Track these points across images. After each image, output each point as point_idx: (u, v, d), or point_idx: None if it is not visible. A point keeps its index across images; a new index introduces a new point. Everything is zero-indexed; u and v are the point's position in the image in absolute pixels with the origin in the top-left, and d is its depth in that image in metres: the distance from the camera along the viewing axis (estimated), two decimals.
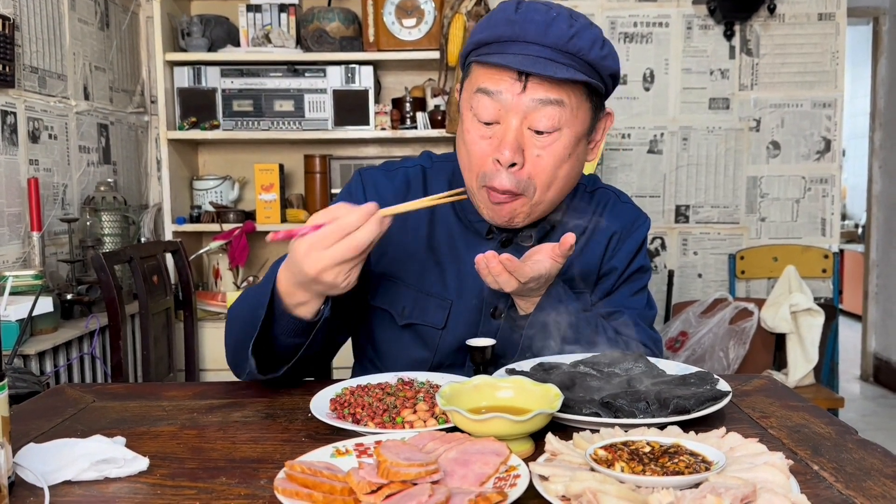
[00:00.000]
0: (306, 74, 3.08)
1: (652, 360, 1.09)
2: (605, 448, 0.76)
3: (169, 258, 2.72)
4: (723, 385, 0.99)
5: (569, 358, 1.12)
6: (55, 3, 2.67)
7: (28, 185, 2.38)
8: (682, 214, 3.58)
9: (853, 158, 6.72)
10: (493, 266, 1.03)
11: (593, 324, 1.15)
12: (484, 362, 1.10)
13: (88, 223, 2.73)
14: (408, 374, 1.10)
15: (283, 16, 3.11)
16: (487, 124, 1.10)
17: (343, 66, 3.07)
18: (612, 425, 0.86)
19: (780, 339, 3.17)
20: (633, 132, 3.54)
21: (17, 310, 2.00)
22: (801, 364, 3.08)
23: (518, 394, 0.92)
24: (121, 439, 0.86)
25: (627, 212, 1.29)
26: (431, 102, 3.18)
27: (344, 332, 1.31)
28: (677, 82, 3.52)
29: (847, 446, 0.85)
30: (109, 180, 2.88)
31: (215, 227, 3.08)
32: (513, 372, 1.04)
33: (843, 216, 6.80)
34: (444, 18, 3.03)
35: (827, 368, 3.29)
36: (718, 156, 3.55)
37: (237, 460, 0.85)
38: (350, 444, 0.84)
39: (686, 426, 0.87)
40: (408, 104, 3.15)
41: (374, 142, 3.37)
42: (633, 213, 1.30)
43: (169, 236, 3.03)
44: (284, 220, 3.13)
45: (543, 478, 0.72)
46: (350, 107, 3.08)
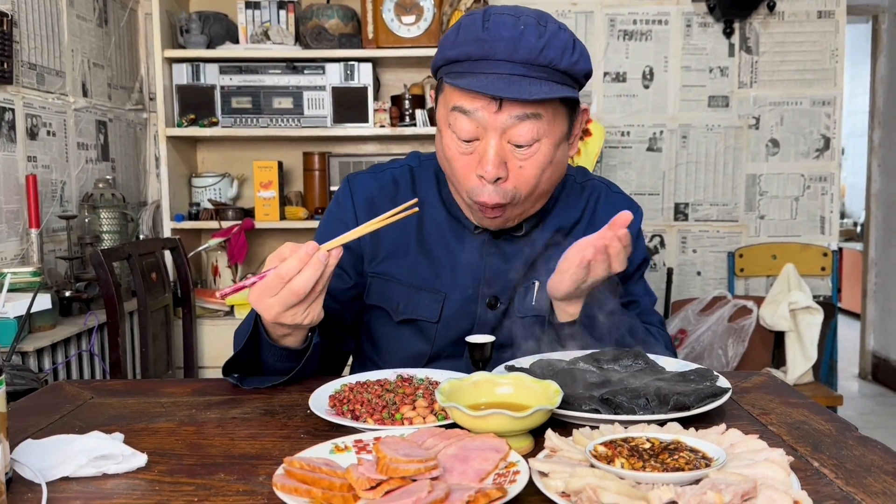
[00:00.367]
0: (305, 71, 3.07)
1: (651, 356, 1.09)
2: (604, 444, 0.76)
3: (167, 255, 2.71)
4: (723, 382, 0.99)
5: (568, 354, 1.12)
6: (53, 0, 2.66)
7: (26, 181, 2.38)
8: (681, 212, 3.57)
9: (852, 157, 6.72)
10: (614, 246, 1.02)
11: (629, 325, 1.18)
12: (483, 359, 1.10)
13: (87, 220, 2.72)
14: (407, 371, 1.10)
15: (282, 13, 3.10)
16: (467, 141, 1.10)
17: (342, 64, 3.07)
18: (611, 422, 0.86)
19: (779, 337, 3.17)
20: (632, 130, 3.54)
21: (16, 307, 2.00)
22: (799, 362, 3.08)
23: (517, 390, 0.92)
24: (119, 435, 0.86)
25: (621, 202, 1.30)
26: (431, 100, 3.18)
27: (347, 343, 1.32)
28: (677, 80, 3.51)
29: (847, 443, 0.85)
30: (108, 177, 2.87)
31: (214, 224, 3.08)
32: (512, 368, 1.04)
33: (842, 214, 6.81)
34: (443, 16, 3.03)
35: (825, 366, 3.29)
36: (718, 154, 3.55)
37: (236, 457, 0.84)
38: (349, 440, 0.84)
39: (686, 423, 0.86)
40: (407, 101, 3.14)
41: (373, 139, 3.36)
42: (627, 204, 1.31)
43: (168, 233, 3.03)
44: (283, 217, 3.13)
45: (543, 474, 0.72)
46: (349, 104, 3.08)
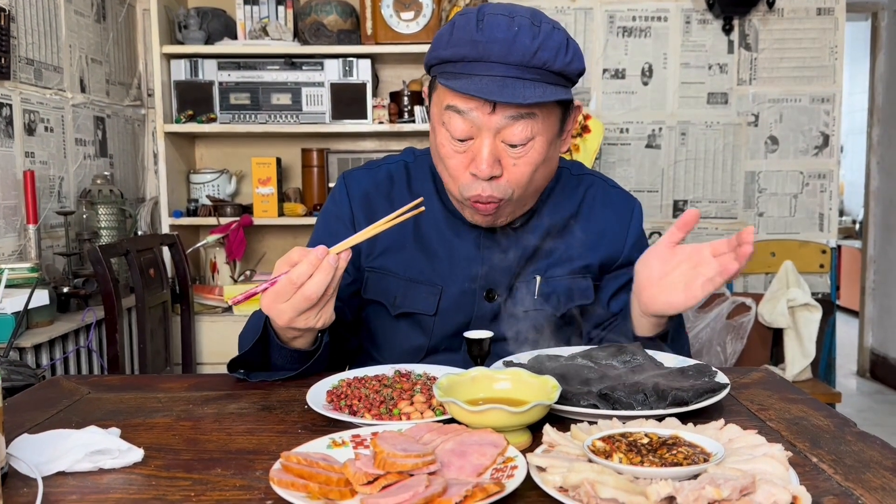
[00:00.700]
0: (304, 68, 3.06)
1: (650, 352, 1.09)
2: (603, 439, 0.76)
3: (166, 251, 2.71)
4: (721, 377, 0.99)
5: (567, 350, 1.12)
6: None
7: (24, 177, 2.37)
8: (679, 209, 3.57)
9: (851, 154, 6.72)
10: (745, 251, 0.99)
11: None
12: (481, 354, 1.10)
13: (85, 216, 2.72)
14: (405, 366, 1.10)
15: (281, 8, 3.10)
16: (461, 140, 1.10)
17: (340, 60, 3.06)
18: (609, 417, 0.86)
19: (778, 334, 3.17)
20: (631, 127, 3.54)
21: (13, 302, 1.99)
22: (798, 359, 3.08)
23: (516, 385, 0.92)
24: (115, 430, 0.86)
25: (619, 198, 1.31)
26: (426, 96, 3.17)
27: (351, 341, 1.32)
28: (676, 77, 3.51)
29: (846, 438, 0.85)
30: (106, 173, 2.87)
31: (212, 220, 3.07)
32: (510, 364, 1.04)
33: (841, 212, 6.81)
34: (441, 12, 3.02)
35: (824, 364, 3.29)
36: (717, 151, 3.54)
37: (233, 452, 0.84)
38: (347, 435, 0.83)
39: (684, 418, 0.86)
40: (406, 98, 3.14)
41: (372, 135, 3.36)
42: (625, 199, 1.31)
43: (166, 230, 3.02)
44: (282, 213, 3.12)
45: (541, 469, 0.72)
46: (348, 100, 3.07)
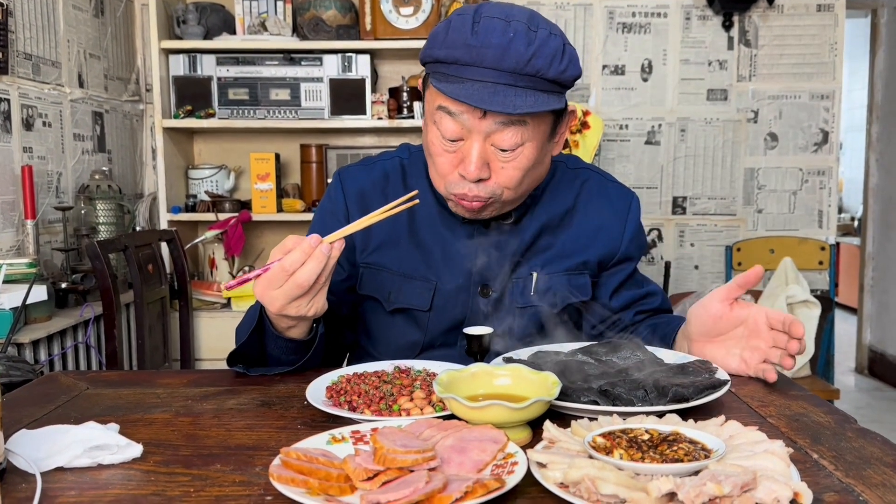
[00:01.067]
0: (302, 63, 3.06)
1: (650, 348, 1.09)
2: (603, 435, 0.75)
3: (164, 247, 2.70)
4: (721, 374, 0.99)
5: (567, 346, 1.11)
6: None
7: (22, 172, 2.36)
8: (679, 206, 3.57)
9: (850, 151, 6.72)
10: (793, 346, 1.03)
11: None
12: (481, 350, 1.10)
13: (83, 212, 2.71)
14: (404, 363, 1.09)
15: (280, 3, 3.09)
16: (451, 140, 1.09)
17: (339, 55, 3.05)
18: (610, 413, 0.85)
19: None
20: (630, 123, 3.53)
21: (11, 298, 1.99)
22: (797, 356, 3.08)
23: (516, 382, 0.91)
24: (114, 426, 0.85)
25: (616, 192, 1.31)
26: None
27: (346, 335, 1.32)
28: (675, 73, 3.51)
29: (846, 435, 0.85)
30: (104, 169, 2.86)
31: (211, 216, 3.07)
32: (510, 360, 1.04)
33: (840, 209, 6.81)
34: (441, 7, 3.01)
35: (822, 360, 3.29)
36: (716, 147, 3.54)
37: (232, 447, 0.84)
38: (346, 431, 0.83)
39: (684, 414, 0.86)
40: (405, 93, 3.13)
41: (371, 131, 3.35)
42: (623, 193, 1.31)
43: (164, 225, 3.02)
44: (280, 209, 3.12)
45: (541, 465, 0.71)
46: (347, 96, 3.07)
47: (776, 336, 1.05)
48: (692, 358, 1.05)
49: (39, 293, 2.12)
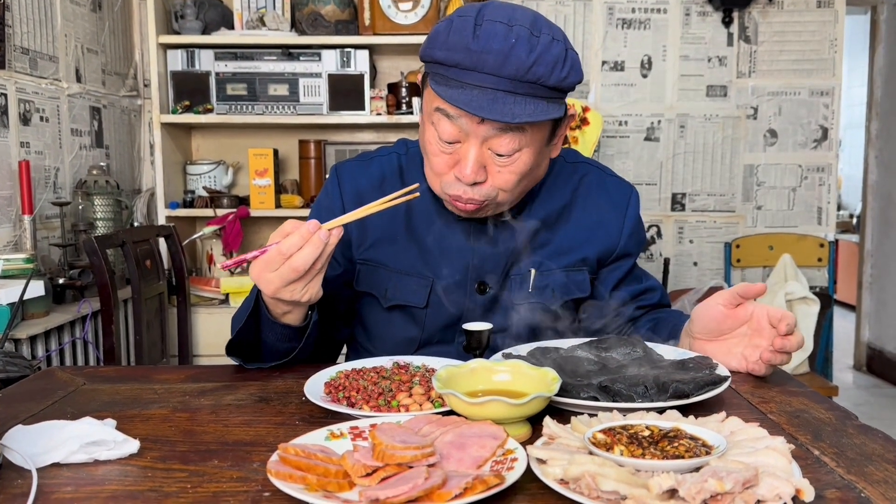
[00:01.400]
0: (301, 58, 3.04)
1: (650, 344, 1.08)
2: (603, 432, 0.75)
3: (162, 243, 2.70)
4: (721, 370, 0.98)
5: (566, 342, 1.11)
6: None
7: (19, 167, 2.35)
8: (678, 202, 3.57)
9: (849, 148, 6.72)
10: (792, 343, 1.02)
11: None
12: (480, 346, 1.09)
13: (81, 207, 2.70)
14: (403, 358, 1.09)
15: None
16: (448, 142, 1.09)
17: (338, 50, 3.04)
18: (610, 409, 0.85)
19: None
20: (630, 119, 3.52)
21: (9, 293, 1.98)
22: (795, 353, 3.08)
23: (515, 377, 0.91)
24: (111, 422, 0.85)
25: (615, 186, 1.30)
26: None
27: (341, 330, 1.32)
28: (675, 69, 3.50)
29: (847, 431, 0.84)
30: (102, 164, 2.85)
31: (209, 212, 3.06)
32: (509, 356, 1.03)
33: (838, 206, 6.80)
34: (440, 2, 3.00)
35: (821, 357, 3.29)
36: (715, 144, 3.53)
37: (230, 443, 0.83)
38: (345, 427, 0.83)
39: (685, 411, 0.86)
40: (404, 89, 3.12)
41: (370, 127, 3.34)
42: (622, 187, 1.30)
43: (162, 221, 3.01)
44: (279, 205, 3.11)
45: (541, 461, 0.71)
46: (345, 91, 3.06)
47: (776, 334, 1.04)
48: (692, 354, 1.05)
49: (37, 288, 2.11)
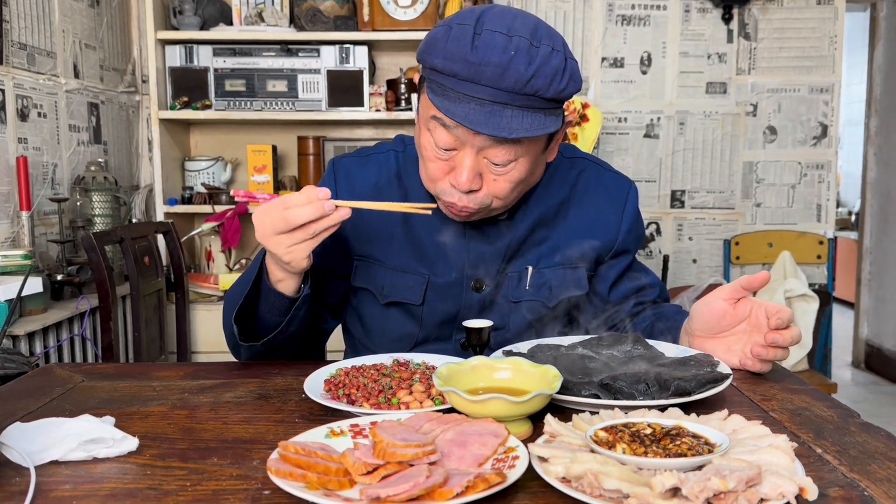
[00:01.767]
0: (300, 54, 3.04)
1: (651, 342, 1.08)
2: (605, 430, 0.74)
3: (160, 239, 2.69)
4: (723, 367, 0.98)
5: (567, 339, 1.10)
6: None
7: (17, 163, 2.35)
8: (677, 199, 3.56)
9: (848, 145, 6.71)
10: (785, 338, 1.01)
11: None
12: (480, 343, 1.09)
13: (79, 203, 2.69)
14: (403, 356, 1.09)
15: None
16: (444, 150, 1.08)
17: (337, 46, 3.03)
18: (611, 407, 0.84)
19: None
20: (629, 116, 3.52)
21: (6, 290, 1.98)
22: (794, 350, 3.08)
23: (516, 375, 0.90)
24: (110, 419, 0.84)
25: (613, 181, 1.29)
26: None
27: (328, 321, 1.32)
28: (675, 66, 3.49)
29: (850, 429, 0.84)
30: (100, 160, 2.84)
31: (207, 208, 3.05)
32: (510, 353, 1.03)
33: (837, 203, 6.80)
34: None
35: (820, 354, 3.30)
36: (715, 141, 3.53)
37: (229, 441, 0.83)
38: (345, 424, 0.82)
39: (687, 408, 0.85)
40: (403, 85, 3.11)
41: (369, 123, 3.33)
42: (621, 181, 1.30)
43: (160, 217, 3.00)
44: None
45: (543, 459, 0.71)
46: (344, 88, 3.05)
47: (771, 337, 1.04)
48: (694, 351, 1.05)
49: (35, 285, 2.10)
